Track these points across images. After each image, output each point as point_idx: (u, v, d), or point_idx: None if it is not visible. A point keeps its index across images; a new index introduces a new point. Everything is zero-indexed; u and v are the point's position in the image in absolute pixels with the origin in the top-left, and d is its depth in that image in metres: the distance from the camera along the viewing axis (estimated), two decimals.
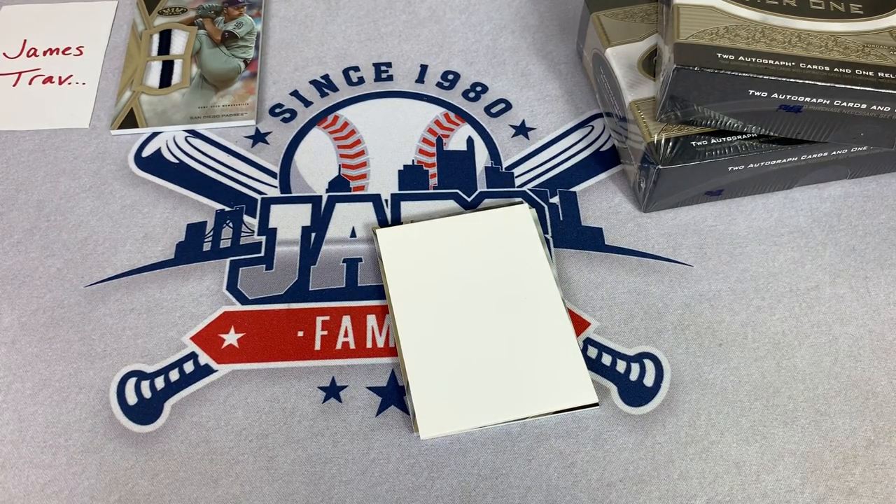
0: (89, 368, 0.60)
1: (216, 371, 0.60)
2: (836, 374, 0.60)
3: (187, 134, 0.74)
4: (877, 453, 0.57)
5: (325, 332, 0.62)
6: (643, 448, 0.57)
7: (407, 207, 0.69)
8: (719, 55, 0.59)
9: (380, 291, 0.64)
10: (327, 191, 0.70)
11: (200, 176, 0.71)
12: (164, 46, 0.80)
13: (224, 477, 0.55)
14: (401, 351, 0.60)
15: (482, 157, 0.73)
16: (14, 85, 0.78)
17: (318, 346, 0.61)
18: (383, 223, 0.68)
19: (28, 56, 0.80)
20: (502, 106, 0.76)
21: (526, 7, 0.85)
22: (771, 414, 0.58)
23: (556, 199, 0.70)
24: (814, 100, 0.59)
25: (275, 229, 0.68)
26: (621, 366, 0.60)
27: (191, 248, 0.67)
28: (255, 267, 0.66)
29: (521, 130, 0.75)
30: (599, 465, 0.56)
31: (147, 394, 0.59)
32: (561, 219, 0.68)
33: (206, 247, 0.67)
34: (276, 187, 0.70)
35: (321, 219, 0.68)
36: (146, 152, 0.73)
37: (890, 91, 0.57)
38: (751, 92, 0.59)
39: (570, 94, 0.77)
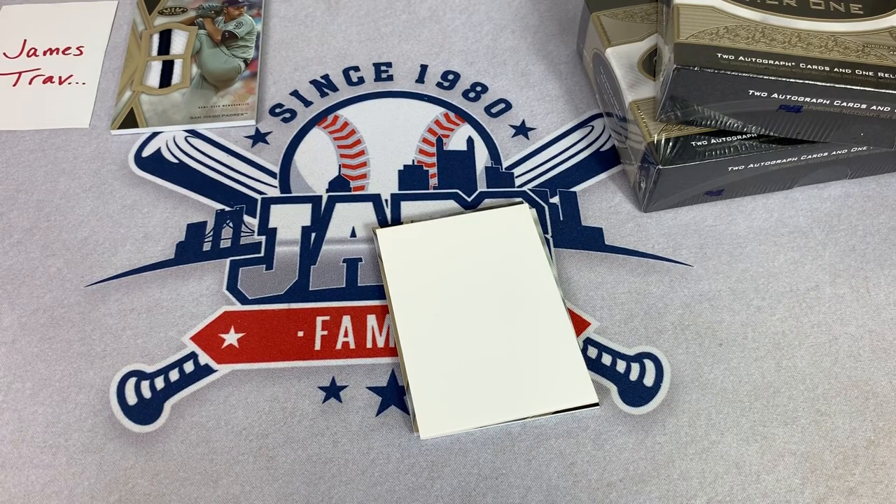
0: (89, 368, 0.60)
1: (216, 371, 0.60)
2: (836, 374, 0.60)
3: (187, 134, 0.74)
4: (877, 453, 0.57)
5: (325, 332, 0.62)
6: (643, 448, 0.57)
7: (407, 207, 0.69)
8: (719, 55, 0.59)
9: (380, 291, 0.64)
10: (327, 191, 0.70)
11: (200, 176, 0.71)
12: (164, 46, 0.80)
13: (224, 477, 0.55)
14: (401, 351, 0.60)
15: (482, 157, 0.73)
16: (14, 85, 0.78)
17: (318, 346, 0.61)
18: (383, 223, 0.68)
19: (28, 56, 0.80)
20: (502, 106, 0.76)
21: (526, 7, 0.85)
22: (771, 414, 0.58)
23: (556, 199, 0.70)
24: (814, 100, 0.59)
25: (275, 229, 0.68)
26: (621, 366, 0.60)
27: (191, 248, 0.67)
28: (255, 267, 0.66)
29: (521, 130, 0.75)
30: (599, 465, 0.56)
31: (147, 394, 0.59)
32: (561, 219, 0.68)
33: (206, 247, 0.67)
34: (276, 187, 0.70)
35: (321, 219, 0.68)
36: (146, 152, 0.73)
37: (890, 91, 0.57)
38: (751, 92, 0.59)
39: (570, 94, 0.77)
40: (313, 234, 0.67)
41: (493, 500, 0.55)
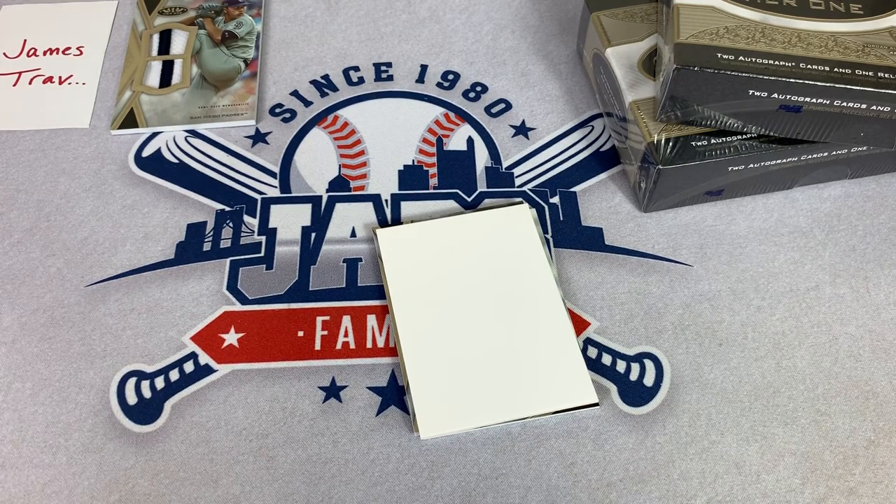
0: (89, 368, 0.60)
1: (216, 371, 0.60)
2: (836, 374, 0.60)
3: (187, 134, 0.74)
4: (877, 453, 0.57)
5: (325, 332, 0.62)
6: (643, 448, 0.57)
7: (407, 207, 0.69)
8: (719, 55, 0.59)
9: (380, 291, 0.64)
10: (327, 191, 0.70)
11: (200, 176, 0.71)
12: (164, 46, 0.80)
13: (224, 477, 0.55)
14: (401, 351, 0.60)
15: (482, 157, 0.73)
16: (14, 85, 0.78)
17: (318, 346, 0.61)
18: (383, 223, 0.68)
19: (28, 56, 0.80)
20: (502, 106, 0.76)
21: (526, 7, 0.85)
22: (771, 414, 0.58)
23: (556, 199, 0.70)
24: (814, 100, 0.59)
25: (275, 229, 0.68)
26: (621, 366, 0.60)
27: (191, 248, 0.67)
28: (255, 267, 0.66)
29: (521, 130, 0.75)
30: (599, 465, 0.56)
31: (147, 394, 0.59)
32: (561, 219, 0.68)
33: (207, 247, 0.67)
34: (276, 187, 0.70)
35: (321, 219, 0.68)
36: (146, 152, 0.73)
37: (890, 91, 0.57)
38: (751, 92, 0.59)
39: (570, 94, 0.77)
40: (313, 234, 0.67)
41: (493, 500, 0.54)
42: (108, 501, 0.54)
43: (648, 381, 0.60)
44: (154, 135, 0.74)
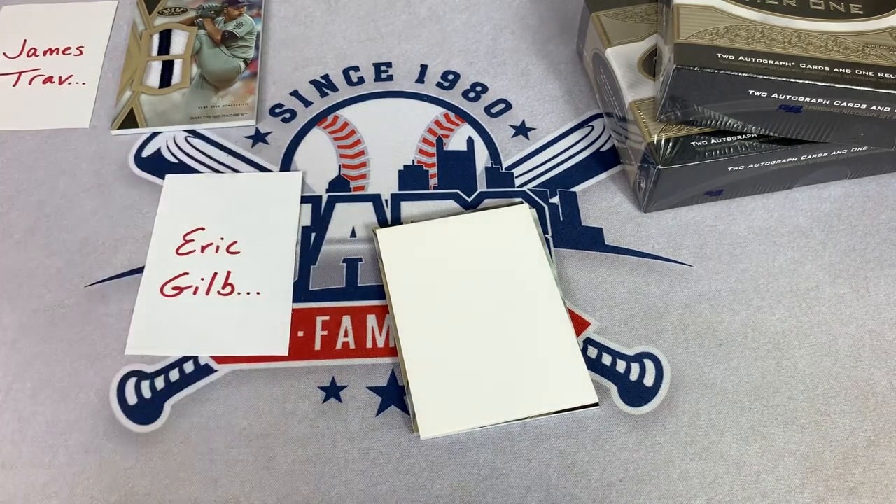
0: (89, 368, 0.60)
1: (216, 371, 0.60)
2: (836, 374, 0.60)
3: (187, 134, 0.74)
4: (877, 453, 0.57)
5: (325, 332, 0.62)
6: (643, 448, 0.57)
7: (407, 207, 0.69)
8: (719, 55, 0.59)
9: (380, 291, 0.64)
10: (327, 191, 0.70)
11: None
12: (164, 46, 0.80)
13: (224, 477, 0.55)
14: (401, 351, 0.60)
15: (482, 157, 0.73)
16: (14, 85, 0.78)
17: (318, 346, 0.61)
18: (383, 223, 0.68)
19: (28, 56, 0.80)
20: (502, 106, 0.76)
21: (526, 7, 0.85)
22: (771, 414, 0.58)
23: (556, 199, 0.70)
24: (813, 100, 0.59)
25: None
26: (621, 366, 0.60)
27: None
28: None
29: (521, 130, 0.75)
30: (599, 465, 0.56)
31: (147, 394, 0.59)
32: (561, 219, 0.68)
33: None
34: None
35: (321, 219, 0.68)
36: (146, 152, 0.73)
37: (889, 91, 0.57)
38: (751, 92, 0.59)
39: (570, 94, 0.77)
40: (313, 234, 0.67)
41: (493, 500, 0.54)
42: (108, 501, 0.54)
43: (648, 381, 0.60)
44: (154, 135, 0.74)
